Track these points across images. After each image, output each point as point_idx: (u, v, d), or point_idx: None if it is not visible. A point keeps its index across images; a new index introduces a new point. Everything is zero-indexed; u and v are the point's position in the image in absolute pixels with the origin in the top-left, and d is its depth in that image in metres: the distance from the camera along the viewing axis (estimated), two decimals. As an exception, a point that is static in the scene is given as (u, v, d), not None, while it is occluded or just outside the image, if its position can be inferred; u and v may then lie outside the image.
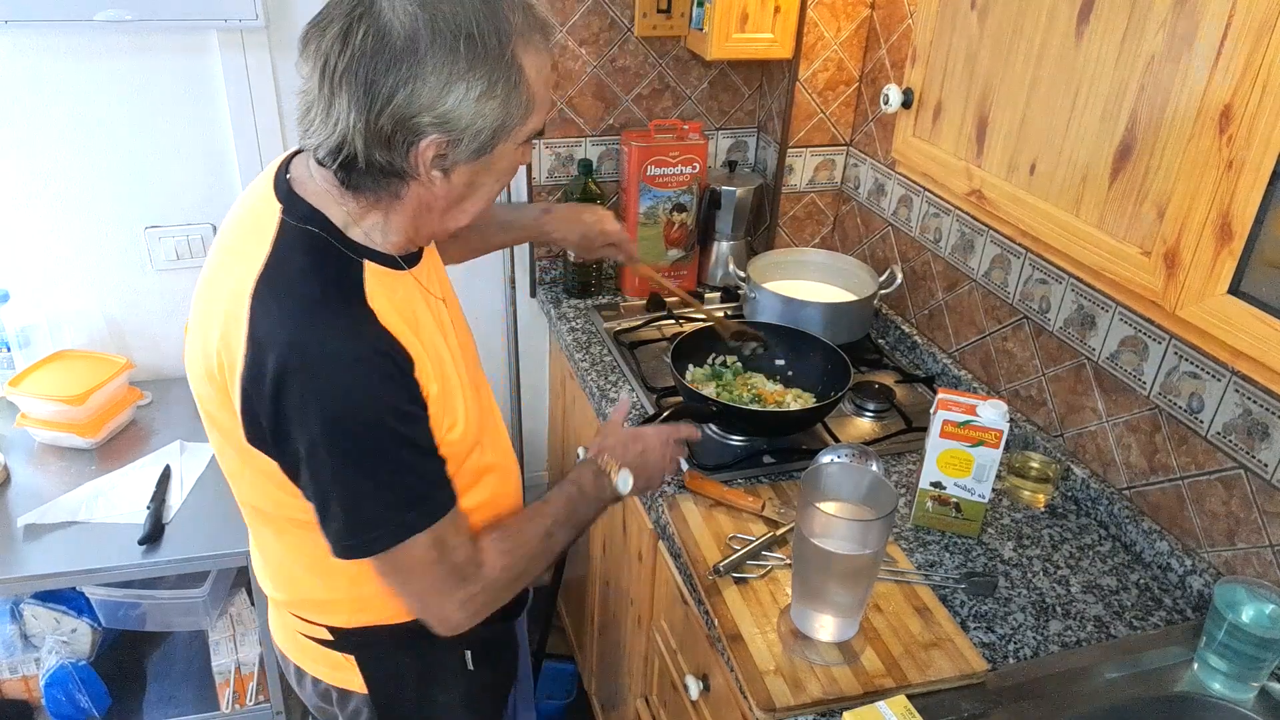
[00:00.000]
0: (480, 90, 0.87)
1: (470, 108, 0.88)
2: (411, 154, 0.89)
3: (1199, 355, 1.25)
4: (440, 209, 0.97)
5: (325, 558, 1.01)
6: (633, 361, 1.78)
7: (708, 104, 2.10)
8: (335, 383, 0.89)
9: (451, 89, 0.86)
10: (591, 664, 2.10)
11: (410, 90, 0.85)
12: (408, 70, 0.85)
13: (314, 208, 0.95)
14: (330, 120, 0.87)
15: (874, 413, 1.66)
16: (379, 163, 0.89)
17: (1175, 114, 0.89)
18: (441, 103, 0.86)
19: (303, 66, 0.89)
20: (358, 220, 0.96)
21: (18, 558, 1.59)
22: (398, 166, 0.90)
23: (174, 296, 2.01)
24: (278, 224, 0.94)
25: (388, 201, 0.95)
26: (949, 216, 1.74)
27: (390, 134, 0.87)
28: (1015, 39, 1.10)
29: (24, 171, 1.82)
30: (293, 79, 0.93)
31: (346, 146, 0.88)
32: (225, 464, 1.06)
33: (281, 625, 1.22)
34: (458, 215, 1.00)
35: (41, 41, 1.72)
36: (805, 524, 1.10)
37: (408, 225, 0.97)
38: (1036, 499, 1.45)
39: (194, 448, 1.86)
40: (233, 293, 0.92)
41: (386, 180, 0.92)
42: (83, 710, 1.84)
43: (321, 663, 1.17)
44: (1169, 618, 1.25)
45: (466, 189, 0.96)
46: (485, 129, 0.90)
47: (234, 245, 0.98)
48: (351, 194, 0.93)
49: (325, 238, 0.94)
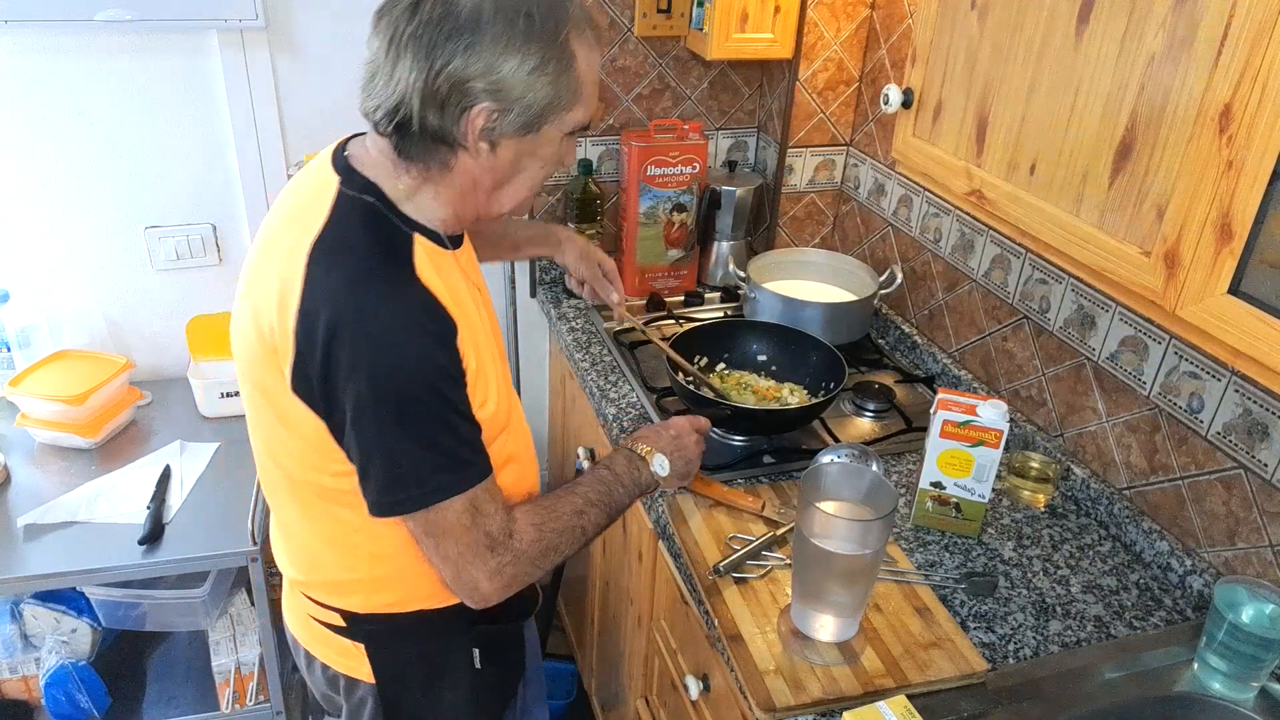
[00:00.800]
0: (533, 65, 0.94)
1: (522, 79, 0.94)
2: (463, 120, 0.94)
3: (1199, 355, 1.25)
4: (486, 187, 1.02)
5: (348, 535, 1.05)
6: (633, 361, 1.78)
7: (708, 104, 2.10)
8: (386, 339, 0.93)
9: (506, 59, 0.92)
10: (591, 664, 2.10)
11: (468, 57, 0.92)
12: (468, 39, 0.91)
13: (370, 180, 1.01)
14: (392, 81, 0.93)
15: (874, 413, 1.66)
16: (432, 126, 0.95)
17: (1175, 114, 0.89)
18: (496, 70, 0.92)
19: (372, 42, 0.96)
20: (410, 195, 1.01)
21: (18, 558, 1.59)
22: (449, 131, 0.95)
23: (174, 296, 2.01)
24: (335, 193, 0.99)
25: (437, 173, 1.00)
26: (949, 216, 1.74)
27: (446, 96, 0.93)
28: (1015, 39, 1.10)
29: (24, 171, 1.82)
30: (292, 79, 0.95)
31: (403, 107, 0.94)
32: (261, 434, 1.09)
33: (296, 609, 1.23)
34: (501, 199, 1.05)
35: (41, 41, 1.72)
36: (805, 524, 1.10)
37: (455, 201, 1.03)
38: (1036, 499, 1.45)
39: (194, 448, 1.86)
40: (289, 255, 0.97)
41: (436, 148, 0.97)
42: (83, 710, 1.84)
43: (331, 649, 1.19)
44: (1169, 618, 1.25)
45: (511, 169, 1.02)
46: (534, 104, 0.96)
47: (289, 215, 1.03)
48: (404, 164, 0.99)
49: (380, 208, 1.00)
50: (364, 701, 1.20)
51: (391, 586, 1.12)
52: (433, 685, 1.19)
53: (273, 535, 1.23)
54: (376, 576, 1.11)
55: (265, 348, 0.98)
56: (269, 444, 1.08)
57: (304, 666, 1.28)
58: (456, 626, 1.16)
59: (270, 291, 0.97)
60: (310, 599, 1.17)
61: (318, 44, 1.86)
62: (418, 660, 1.17)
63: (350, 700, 1.21)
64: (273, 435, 1.06)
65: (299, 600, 1.20)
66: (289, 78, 1.87)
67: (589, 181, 1.97)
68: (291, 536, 1.16)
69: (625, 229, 2.03)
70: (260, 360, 1.00)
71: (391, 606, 1.13)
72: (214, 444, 1.88)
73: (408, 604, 1.14)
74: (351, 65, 2.02)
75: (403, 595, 1.13)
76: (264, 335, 0.98)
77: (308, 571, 1.16)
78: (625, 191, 2.01)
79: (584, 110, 1.01)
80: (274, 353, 0.97)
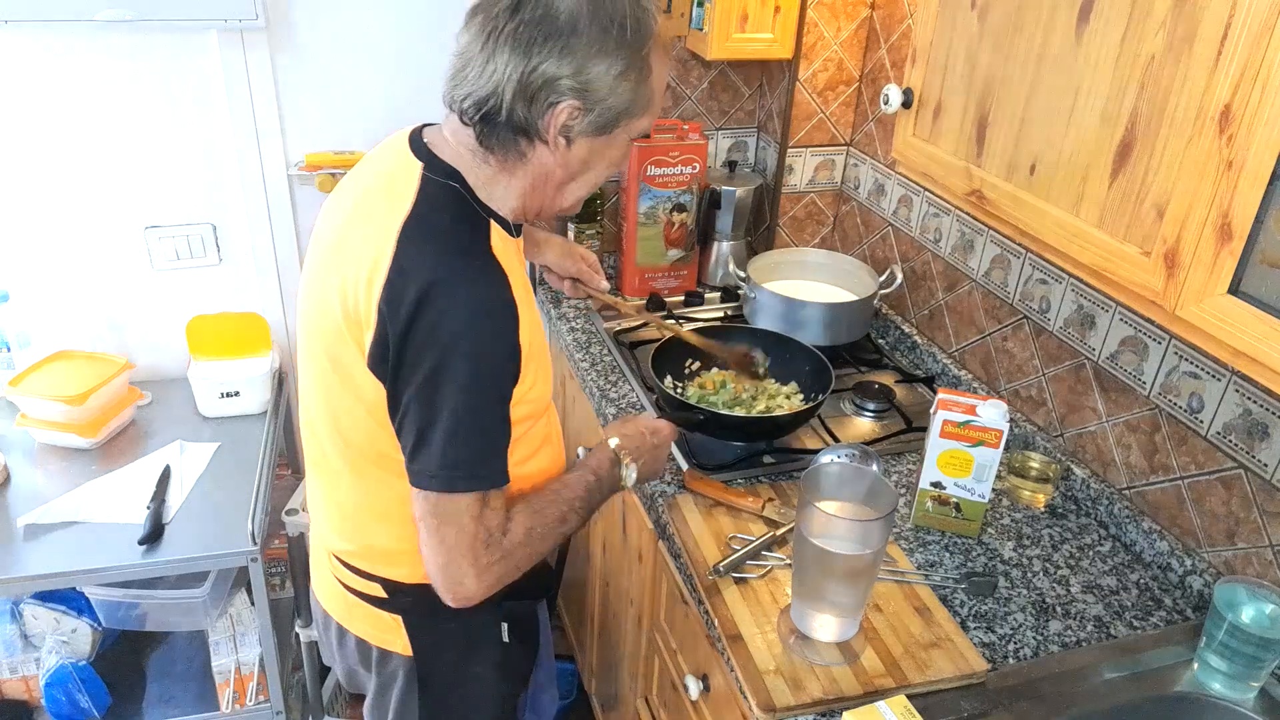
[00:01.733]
0: (619, 70, 1.00)
1: (608, 83, 1.00)
2: (549, 114, 1.00)
3: (1199, 355, 1.25)
4: (556, 181, 1.08)
5: (400, 506, 1.08)
6: (632, 361, 1.78)
7: (708, 104, 2.10)
8: (469, 313, 0.98)
9: (596, 62, 0.99)
10: (591, 664, 2.10)
11: (562, 58, 0.98)
12: (564, 41, 0.97)
13: (453, 166, 1.05)
14: (486, 72, 0.98)
15: (874, 413, 1.66)
16: (518, 118, 1.00)
17: (1175, 114, 0.89)
18: (586, 71, 0.98)
19: (462, 36, 1.01)
20: (488, 184, 1.06)
21: (18, 558, 1.59)
22: (532, 124, 1.01)
23: (174, 296, 2.01)
24: (420, 177, 1.04)
25: (514, 163, 1.05)
26: (949, 216, 1.74)
27: (537, 90, 0.98)
28: (1015, 39, 1.10)
29: (24, 171, 1.82)
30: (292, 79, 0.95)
31: (495, 98, 0.99)
32: (325, 404, 1.12)
33: (330, 584, 1.25)
34: (566, 195, 1.11)
35: (41, 41, 1.72)
36: (805, 524, 1.10)
37: (526, 193, 1.08)
38: (1036, 499, 1.45)
39: (194, 448, 1.86)
40: (377, 234, 1.00)
41: (516, 140, 1.03)
42: (83, 710, 1.84)
43: (368, 622, 1.21)
44: (1169, 618, 1.25)
45: (580, 166, 1.08)
46: (614, 106, 1.02)
47: (371, 199, 1.07)
48: (484, 153, 1.04)
49: (462, 193, 1.05)
50: (395, 674, 1.22)
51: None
52: (465, 658, 1.22)
53: (315, 507, 1.25)
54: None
55: (349, 321, 1.02)
56: (334, 413, 1.11)
57: (334, 642, 1.30)
58: (490, 601, 1.17)
59: (359, 267, 1.00)
60: (353, 569, 1.19)
61: (318, 44, 1.86)
62: (454, 633, 1.20)
63: (382, 673, 1.24)
64: (340, 404, 1.09)
65: (337, 572, 1.22)
66: (289, 78, 1.87)
67: (589, 181, 1.97)
68: (340, 505, 1.18)
69: (625, 229, 2.03)
70: (339, 333, 1.03)
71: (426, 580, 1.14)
72: (214, 444, 1.87)
73: None
74: (352, 65, 2.02)
75: None
76: (348, 309, 1.01)
77: (355, 540, 1.17)
78: (625, 191, 2.01)
79: (650, 119, 1.08)
80: (357, 325, 1.01)
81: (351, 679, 1.33)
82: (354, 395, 1.05)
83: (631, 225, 1.99)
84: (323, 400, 1.12)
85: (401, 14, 1.89)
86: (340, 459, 1.13)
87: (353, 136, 1.98)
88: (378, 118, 1.95)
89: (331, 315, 1.04)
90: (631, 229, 1.99)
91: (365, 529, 1.16)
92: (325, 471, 1.18)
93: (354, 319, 1.01)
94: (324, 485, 1.20)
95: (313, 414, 1.16)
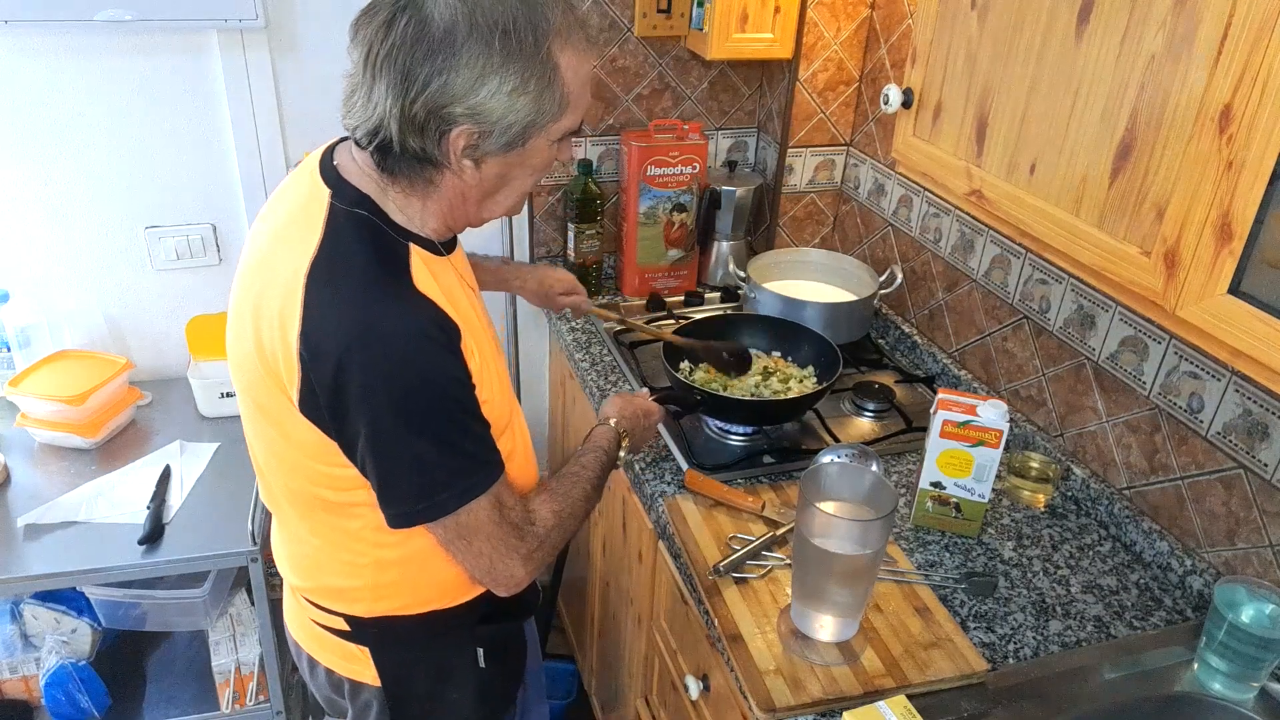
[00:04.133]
0: (513, 85, 0.91)
1: (502, 102, 0.92)
2: (443, 142, 0.93)
3: (1199, 355, 1.25)
4: (475, 199, 1.02)
5: (352, 544, 1.05)
6: (633, 361, 1.78)
7: (708, 104, 2.10)
8: (398, 358, 0.92)
9: (484, 82, 0.90)
10: (591, 664, 2.10)
11: (444, 80, 0.89)
12: (443, 61, 0.89)
13: (362, 192, 0.99)
14: (370, 104, 0.92)
15: (874, 413, 1.66)
16: (413, 148, 0.93)
17: (1175, 114, 0.89)
18: (474, 94, 0.90)
19: (352, 52, 0.94)
20: (401, 207, 1.00)
21: (18, 558, 1.59)
22: (430, 154, 0.94)
23: (174, 296, 2.01)
24: (327, 208, 0.98)
25: (423, 188, 0.99)
26: (949, 216, 1.74)
27: (424, 121, 0.91)
28: (1015, 39, 1.10)
29: (24, 171, 1.82)
30: (292, 79, 0.96)
31: (383, 130, 0.92)
32: (263, 448, 1.08)
33: (297, 614, 1.23)
34: (491, 207, 1.05)
35: (41, 41, 1.72)
36: (805, 524, 1.10)
37: (444, 213, 1.02)
38: (1036, 499, 1.45)
39: (194, 448, 1.86)
40: (287, 275, 0.95)
41: (420, 167, 0.96)
42: (83, 710, 1.84)
43: (335, 653, 1.19)
44: (1169, 618, 1.25)
45: (498, 180, 1.01)
46: (516, 123, 0.94)
47: (282, 229, 1.01)
48: (390, 179, 0.98)
49: (374, 220, 0.98)
50: (369, 705, 1.20)
51: (396, 592, 1.12)
52: (438, 686, 1.19)
53: (274, 541, 1.22)
54: (381, 583, 1.11)
55: (267, 369, 0.97)
56: (271, 458, 1.08)
57: (306, 671, 1.28)
58: (461, 627, 1.16)
59: (268, 310, 0.96)
60: (313, 604, 1.17)
61: (318, 44, 1.86)
62: (422, 662, 1.17)
63: (355, 703, 1.21)
64: (274, 450, 1.06)
65: (301, 605, 1.20)
66: (289, 78, 1.86)
67: (589, 181, 1.97)
68: (294, 543, 1.16)
69: (625, 229, 2.03)
70: (262, 381, 0.99)
71: (395, 610, 1.13)
72: (214, 444, 1.87)
73: (411, 607, 1.13)
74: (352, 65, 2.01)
75: (407, 600, 1.13)
76: (266, 357, 0.97)
77: (311, 578, 1.15)
78: (625, 191, 2.01)
79: (573, 117, 0.99)
80: (276, 375, 0.97)
81: (332, 706, 1.29)
82: (286, 441, 1.02)
83: (631, 225, 1.99)
84: (261, 446, 1.09)
85: (401, 14, 1.89)
86: (285, 499, 1.11)
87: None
88: (378, 118, 1.95)
89: (252, 362, 0.99)
90: (631, 229, 1.99)
91: (320, 567, 1.13)
92: (276, 508, 1.16)
93: (273, 369, 0.97)
94: (278, 521, 1.18)
95: (256, 451, 1.12)
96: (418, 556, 1.08)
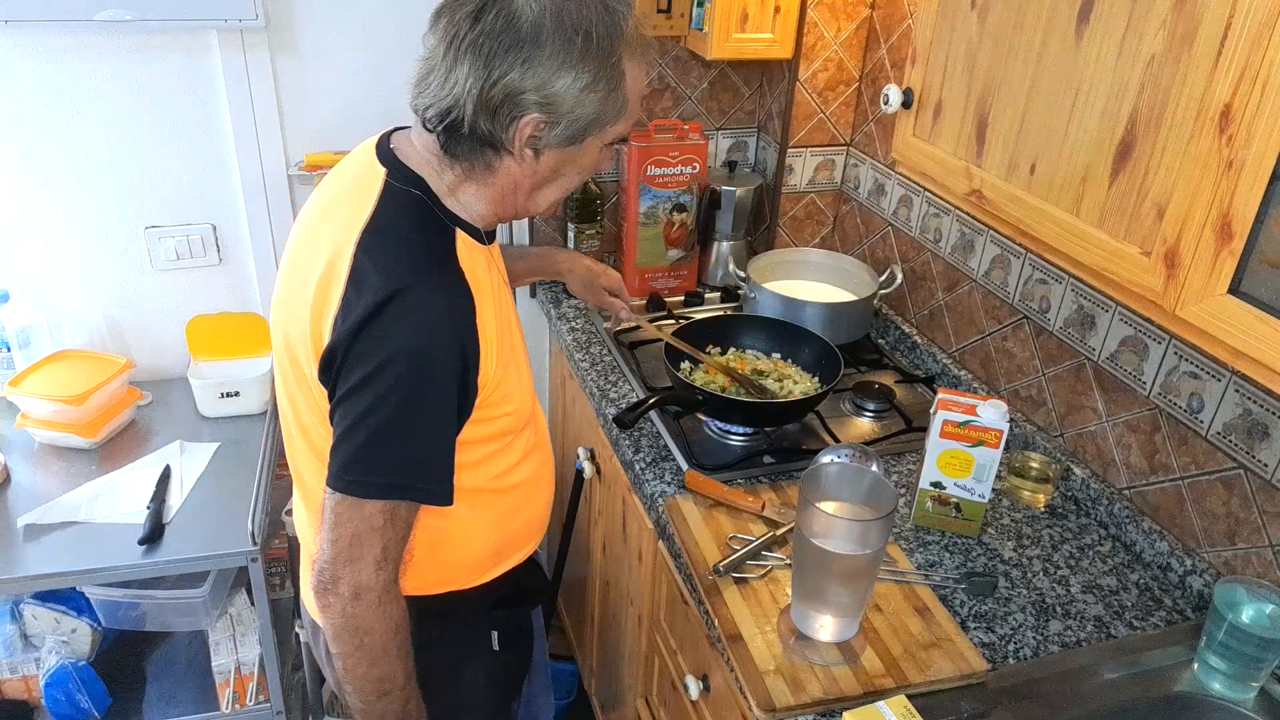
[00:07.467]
0: (585, 82, 0.97)
1: (573, 95, 0.97)
2: (513, 128, 0.98)
3: (1199, 355, 1.25)
4: (525, 189, 1.06)
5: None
6: (633, 361, 1.78)
7: (708, 104, 2.10)
8: (421, 322, 0.95)
9: (561, 75, 0.96)
10: (591, 664, 2.10)
11: (525, 70, 0.95)
12: (527, 53, 0.94)
13: (416, 173, 1.04)
14: (448, 84, 0.96)
15: (874, 413, 1.66)
16: (482, 131, 0.98)
17: (1175, 114, 0.89)
18: (550, 85, 0.96)
19: (428, 39, 0.98)
20: (453, 190, 1.05)
21: (18, 558, 1.58)
22: (497, 137, 0.99)
23: (174, 296, 2.01)
24: (382, 184, 1.02)
25: (480, 173, 1.03)
26: (949, 216, 1.74)
27: (499, 104, 0.96)
28: (1015, 39, 1.10)
29: (24, 171, 1.82)
30: (292, 79, 0.96)
31: (457, 110, 0.96)
32: (297, 415, 1.10)
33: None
34: (538, 200, 1.09)
35: (41, 41, 1.72)
36: (805, 524, 1.10)
37: (495, 200, 1.06)
38: (1036, 499, 1.45)
39: (194, 448, 1.86)
40: (337, 241, 0.99)
41: (482, 151, 1.01)
42: (83, 710, 1.84)
43: None
44: (1169, 618, 1.25)
45: (551, 174, 1.06)
46: (581, 118, 0.99)
47: (335, 203, 1.06)
48: (449, 161, 1.02)
49: (425, 200, 1.03)
50: None
51: (416, 571, 1.12)
52: (452, 667, 1.20)
53: (298, 510, 1.24)
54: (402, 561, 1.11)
55: (311, 330, 1.00)
56: (300, 418, 1.10)
57: (323, 650, 1.28)
58: (477, 610, 1.17)
59: (316, 273, 0.99)
60: None
61: (318, 44, 1.86)
62: (439, 642, 1.19)
63: None
64: (302, 411, 1.08)
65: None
66: (289, 78, 1.86)
67: (589, 181, 1.97)
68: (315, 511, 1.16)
69: (625, 229, 2.03)
70: (302, 341, 1.02)
71: (414, 590, 1.13)
72: (214, 444, 1.87)
73: (430, 587, 1.15)
74: (352, 65, 2.02)
75: (426, 579, 1.14)
76: (312, 317, 1.00)
77: None
78: (625, 191, 2.01)
79: (626, 124, 1.06)
80: (318, 334, 1.00)
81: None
82: (311, 403, 1.04)
83: (631, 225, 1.99)
84: (290, 406, 1.11)
85: (402, 14, 1.89)
86: (308, 466, 1.12)
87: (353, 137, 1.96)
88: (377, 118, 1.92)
89: (298, 320, 1.03)
90: (631, 229, 1.99)
91: None
92: (304, 478, 1.17)
93: (317, 330, 0.99)
94: (301, 490, 1.19)
95: (287, 418, 1.14)
96: (439, 537, 1.09)
